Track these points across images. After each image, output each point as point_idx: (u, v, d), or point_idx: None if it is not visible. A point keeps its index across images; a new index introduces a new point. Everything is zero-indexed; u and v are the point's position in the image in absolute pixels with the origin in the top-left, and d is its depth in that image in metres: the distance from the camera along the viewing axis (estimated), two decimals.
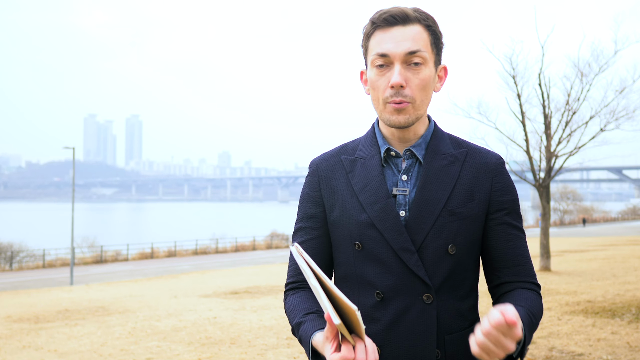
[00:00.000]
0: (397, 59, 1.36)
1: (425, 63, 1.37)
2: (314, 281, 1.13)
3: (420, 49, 1.36)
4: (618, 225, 63.53)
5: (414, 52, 1.35)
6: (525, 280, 1.42)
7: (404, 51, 1.35)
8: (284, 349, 7.41)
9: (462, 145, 1.48)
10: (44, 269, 29.07)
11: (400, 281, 1.37)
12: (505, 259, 1.43)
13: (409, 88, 1.36)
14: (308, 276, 1.14)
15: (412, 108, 1.38)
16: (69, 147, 26.32)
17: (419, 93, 1.37)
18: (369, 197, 1.41)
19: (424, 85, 1.38)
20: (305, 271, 1.15)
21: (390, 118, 1.39)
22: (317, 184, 1.50)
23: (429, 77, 1.38)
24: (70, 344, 8.54)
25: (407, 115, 1.38)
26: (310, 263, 1.15)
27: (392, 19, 1.37)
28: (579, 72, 16.58)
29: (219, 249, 38.19)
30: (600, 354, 6.30)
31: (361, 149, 1.49)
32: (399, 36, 1.36)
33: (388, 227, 1.38)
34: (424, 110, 1.41)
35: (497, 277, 1.45)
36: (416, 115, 1.39)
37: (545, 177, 17.07)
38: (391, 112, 1.38)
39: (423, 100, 1.39)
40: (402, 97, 1.36)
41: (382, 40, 1.38)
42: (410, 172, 1.43)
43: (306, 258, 1.17)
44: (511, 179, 1.48)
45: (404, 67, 1.36)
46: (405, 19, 1.37)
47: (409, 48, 1.35)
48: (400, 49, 1.35)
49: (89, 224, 79.54)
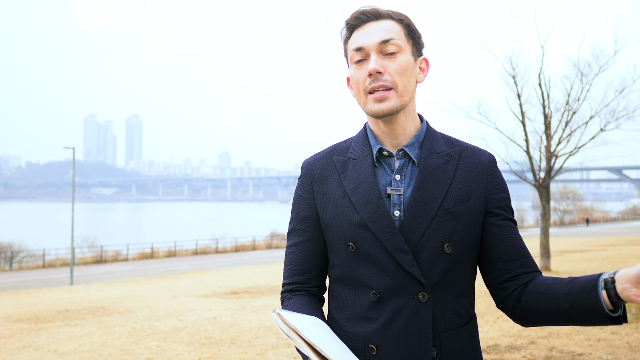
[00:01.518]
0: (372, 50, 1.40)
1: (400, 50, 1.40)
2: (304, 349, 1.13)
3: (393, 37, 1.40)
4: (618, 225, 63.53)
5: (387, 40, 1.39)
6: (534, 270, 1.45)
7: (378, 41, 1.39)
8: (284, 349, 7.41)
9: (455, 144, 1.49)
10: (44, 269, 29.07)
11: (395, 281, 1.37)
12: (513, 252, 1.44)
13: (387, 74, 1.39)
14: (297, 344, 1.14)
15: (395, 94, 1.39)
16: (69, 147, 26.33)
17: (399, 78, 1.39)
18: (361, 198, 1.41)
19: (402, 70, 1.40)
20: (294, 338, 1.15)
21: (373, 108, 1.40)
22: (309, 186, 1.51)
23: (407, 63, 1.41)
24: (70, 344, 8.54)
25: (390, 103, 1.39)
26: (298, 329, 1.15)
27: (364, 17, 1.43)
28: (579, 72, 16.58)
29: (219, 249, 38.19)
30: (600, 354, 6.30)
31: (353, 150, 1.50)
32: (372, 30, 1.41)
33: (381, 228, 1.38)
34: (408, 97, 1.42)
35: (506, 272, 1.45)
36: (400, 102, 1.40)
37: (545, 177, 17.07)
38: (373, 102, 1.40)
39: (405, 86, 1.40)
40: (381, 82, 1.39)
41: (357, 37, 1.43)
42: (404, 172, 1.44)
43: (291, 325, 1.16)
44: (503, 177, 1.51)
45: (380, 56, 1.40)
46: (377, 15, 1.43)
47: (382, 37, 1.39)
48: (373, 40, 1.40)
49: (89, 224, 79.54)
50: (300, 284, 1.50)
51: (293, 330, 1.15)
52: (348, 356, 1.16)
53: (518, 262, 1.44)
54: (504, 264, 1.45)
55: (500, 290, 1.47)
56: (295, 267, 1.51)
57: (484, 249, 1.47)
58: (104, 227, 75.80)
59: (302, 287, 1.50)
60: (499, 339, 7.21)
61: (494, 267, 1.47)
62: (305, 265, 1.50)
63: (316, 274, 1.51)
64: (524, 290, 1.42)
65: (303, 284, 1.50)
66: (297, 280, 1.50)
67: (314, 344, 1.12)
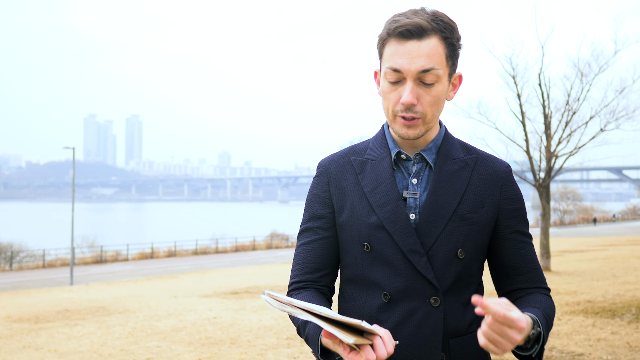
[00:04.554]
0: (409, 76, 1.33)
1: (439, 80, 1.34)
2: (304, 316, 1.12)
3: (434, 67, 1.32)
4: (618, 225, 63.55)
5: (427, 70, 1.32)
6: (537, 286, 1.45)
7: (417, 69, 1.32)
8: (284, 349, 7.41)
9: (471, 152, 1.49)
10: (44, 269, 29.07)
11: (408, 283, 1.37)
12: (518, 267, 1.45)
13: (420, 105, 1.35)
14: (296, 313, 1.13)
15: (422, 123, 1.38)
16: (69, 147, 26.33)
17: (430, 108, 1.36)
18: (380, 199, 1.41)
19: (436, 102, 1.36)
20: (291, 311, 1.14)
21: (399, 131, 1.39)
22: (326, 185, 1.49)
23: (441, 93, 1.36)
24: (70, 344, 8.55)
25: (417, 130, 1.38)
26: (292, 301, 1.13)
27: (407, 33, 1.32)
28: (579, 72, 16.58)
29: (219, 249, 38.19)
30: (600, 354, 6.30)
31: (371, 151, 1.49)
32: (414, 52, 1.32)
33: (398, 228, 1.38)
34: (434, 123, 1.41)
35: (508, 284, 1.47)
36: (426, 129, 1.39)
37: (545, 177, 17.07)
38: (401, 126, 1.38)
39: (434, 114, 1.38)
40: (412, 113, 1.35)
41: (396, 53, 1.34)
42: (421, 176, 1.43)
43: (283, 299, 1.14)
44: (518, 187, 1.49)
45: (416, 83, 1.34)
46: (421, 33, 1.32)
47: (423, 66, 1.32)
48: (413, 66, 1.32)
49: (89, 224, 79.50)
50: (310, 281, 1.48)
51: (287, 303, 1.13)
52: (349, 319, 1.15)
53: (522, 276, 1.45)
54: (508, 276, 1.47)
55: None
56: (306, 265, 1.48)
57: (491, 259, 1.48)
58: (104, 227, 75.77)
59: (311, 285, 1.47)
60: None
61: (499, 278, 1.49)
62: (317, 263, 1.48)
63: (327, 273, 1.49)
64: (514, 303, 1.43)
65: (313, 282, 1.47)
66: (307, 279, 1.48)
67: (312, 309, 1.11)
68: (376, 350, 1.14)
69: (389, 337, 1.16)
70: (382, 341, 1.14)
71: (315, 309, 1.11)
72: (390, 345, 1.15)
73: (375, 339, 1.14)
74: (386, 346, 1.14)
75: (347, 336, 1.09)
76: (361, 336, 1.15)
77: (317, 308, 1.11)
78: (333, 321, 1.13)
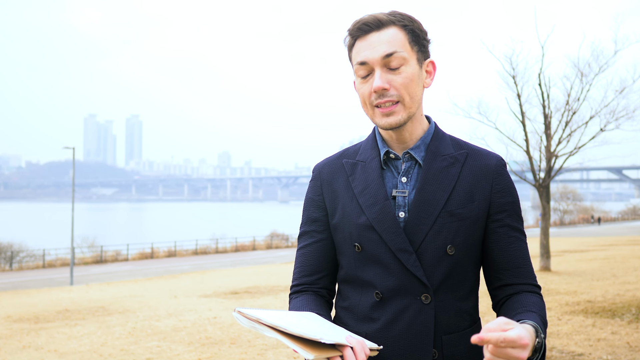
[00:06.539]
0: (376, 64, 1.37)
1: (405, 62, 1.37)
2: (269, 333, 1.15)
3: (396, 50, 1.36)
4: (618, 225, 63.56)
5: (390, 54, 1.36)
6: (527, 283, 1.43)
7: (381, 55, 1.36)
8: (284, 349, 7.41)
9: (462, 147, 1.48)
10: (44, 269, 29.07)
11: (399, 281, 1.38)
12: (507, 261, 1.44)
13: (393, 88, 1.37)
14: (262, 331, 1.16)
15: (402, 107, 1.39)
16: (69, 147, 26.33)
17: (405, 91, 1.38)
18: (368, 200, 1.42)
19: (408, 83, 1.38)
20: (258, 328, 1.16)
21: (380, 122, 1.41)
22: (319, 189, 1.53)
23: (412, 75, 1.38)
24: (70, 344, 8.54)
25: (397, 117, 1.39)
26: (260, 318, 1.15)
27: (366, 27, 1.38)
28: (579, 72, 16.58)
29: (219, 249, 38.19)
30: (600, 354, 6.30)
31: (362, 153, 1.51)
32: (375, 42, 1.37)
33: (386, 228, 1.39)
34: (415, 108, 1.41)
35: (498, 279, 1.46)
36: (407, 114, 1.40)
37: (545, 177, 17.07)
38: (380, 117, 1.40)
39: (412, 97, 1.39)
40: (387, 97, 1.37)
41: (360, 49, 1.39)
42: (410, 174, 1.44)
43: (251, 316, 1.16)
44: (512, 181, 1.48)
45: (384, 70, 1.37)
46: (379, 24, 1.38)
47: (385, 51, 1.36)
48: (377, 54, 1.36)
49: (89, 224, 79.49)
50: (308, 284, 1.51)
51: (255, 321, 1.16)
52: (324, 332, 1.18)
53: (510, 272, 1.43)
54: (496, 271, 1.45)
55: (492, 296, 1.50)
56: (304, 268, 1.52)
57: (483, 253, 1.47)
58: (104, 227, 75.77)
59: (309, 288, 1.51)
60: None
61: (488, 273, 1.48)
62: (314, 266, 1.51)
63: (325, 275, 1.52)
64: (505, 303, 1.43)
65: (311, 285, 1.51)
66: (305, 282, 1.51)
67: (278, 325, 1.14)
68: None
69: (360, 347, 1.19)
70: (353, 352, 1.17)
71: (282, 325, 1.14)
72: (361, 355, 1.18)
73: (346, 350, 1.17)
74: (357, 356, 1.17)
75: (307, 352, 1.12)
76: (333, 348, 1.18)
77: (285, 324, 1.14)
78: (297, 337, 1.15)
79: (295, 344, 1.13)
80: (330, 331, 1.23)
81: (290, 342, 1.13)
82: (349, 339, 1.19)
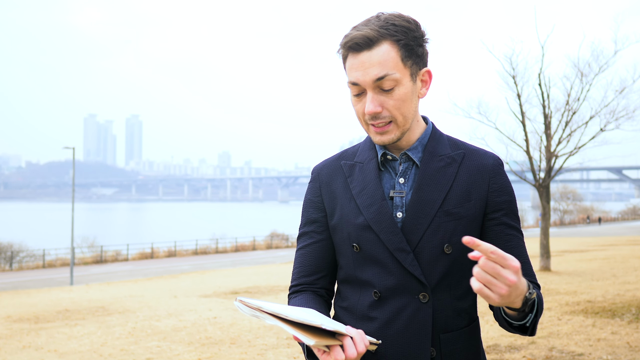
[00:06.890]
0: (367, 87, 1.36)
1: (398, 83, 1.36)
2: (270, 321, 1.16)
3: (388, 73, 1.34)
4: (618, 225, 63.58)
5: (382, 77, 1.34)
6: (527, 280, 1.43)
7: (372, 79, 1.34)
8: (284, 349, 7.42)
9: (459, 147, 1.49)
10: (44, 269, 29.08)
11: (397, 281, 1.39)
12: None
13: (385, 110, 1.37)
14: (264, 318, 1.17)
15: (395, 126, 1.40)
16: (69, 147, 26.34)
17: (398, 111, 1.38)
18: (366, 200, 1.44)
19: (400, 105, 1.37)
20: (260, 316, 1.18)
21: (374, 138, 1.43)
22: (318, 190, 1.54)
23: (404, 94, 1.37)
24: (70, 344, 8.55)
25: (390, 136, 1.41)
26: (261, 306, 1.17)
27: (356, 46, 1.35)
28: (579, 72, 16.58)
29: (219, 249, 38.20)
30: (600, 354, 6.30)
31: (360, 154, 1.53)
32: (366, 62, 1.34)
33: (383, 228, 1.40)
34: (409, 124, 1.42)
35: None
36: (401, 131, 1.41)
37: (545, 177, 17.08)
38: (374, 134, 1.42)
39: (406, 115, 1.40)
40: (380, 119, 1.38)
41: (352, 67, 1.37)
42: (407, 175, 1.46)
43: (253, 305, 1.18)
44: (509, 180, 1.49)
45: (376, 92, 1.36)
46: (369, 43, 1.34)
47: (377, 75, 1.34)
48: (368, 77, 1.34)
49: (89, 224, 79.51)
50: (307, 284, 1.52)
51: (256, 309, 1.18)
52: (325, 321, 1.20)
53: None
54: None
55: None
56: (303, 268, 1.53)
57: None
58: (104, 227, 75.78)
59: (308, 288, 1.52)
60: (499, 339, 7.21)
61: None
62: (312, 267, 1.52)
63: (324, 276, 1.53)
64: None
65: (310, 285, 1.52)
66: (304, 282, 1.52)
67: (279, 312, 1.15)
68: (345, 350, 1.18)
69: (360, 337, 1.21)
70: (352, 341, 1.19)
71: (283, 312, 1.15)
72: (360, 345, 1.19)
73: (346, 340, 1.19)
74: (357, 346, 1.19)
75: (308, 338, 1.13)
76: (333, 337, 1.20)
77: (285, 311, 1.16)
78: (298, 324, 1.16)
79: (296, 330, 1.14)
80: (331, 322, 1.24)
81: (291, 329, 1.14)
82: (349, 329, 1.22)
